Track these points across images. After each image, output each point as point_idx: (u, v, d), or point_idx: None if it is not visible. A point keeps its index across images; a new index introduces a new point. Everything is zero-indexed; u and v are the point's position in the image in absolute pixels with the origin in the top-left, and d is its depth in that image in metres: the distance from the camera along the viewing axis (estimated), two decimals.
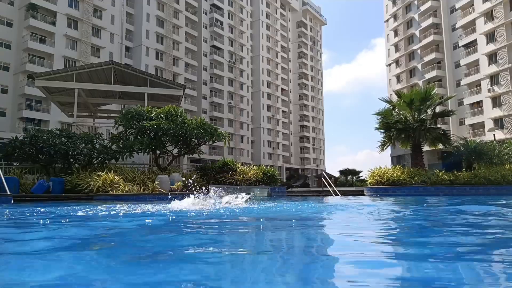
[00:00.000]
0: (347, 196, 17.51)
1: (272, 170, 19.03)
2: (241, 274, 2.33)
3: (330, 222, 6.13)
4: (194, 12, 62.59)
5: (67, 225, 5.27)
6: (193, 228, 4.87)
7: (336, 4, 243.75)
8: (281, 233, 4.45)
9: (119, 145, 15.83)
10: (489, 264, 2.52)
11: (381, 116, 20.00)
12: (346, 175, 60.36)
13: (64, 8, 42.24)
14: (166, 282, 2.06)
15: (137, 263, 2.63)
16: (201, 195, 8.32)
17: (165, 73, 54.07)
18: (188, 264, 2.55)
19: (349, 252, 3.06)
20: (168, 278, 2.15)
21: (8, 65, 38.51)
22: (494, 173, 16.72)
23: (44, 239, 3.93)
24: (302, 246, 3.50)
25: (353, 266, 2.51)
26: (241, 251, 3.15)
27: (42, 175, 15.08)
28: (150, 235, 4.27)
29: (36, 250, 3.23)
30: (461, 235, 4.00)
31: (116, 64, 20.58)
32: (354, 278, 2.19)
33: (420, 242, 3.62)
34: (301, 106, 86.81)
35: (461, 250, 3.10)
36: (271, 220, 6.07)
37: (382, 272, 2.34)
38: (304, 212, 7.54)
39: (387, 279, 2.19)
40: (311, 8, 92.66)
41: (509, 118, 42.18)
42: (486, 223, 5.38)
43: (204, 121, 17.24)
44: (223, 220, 5.82)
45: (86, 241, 3.75)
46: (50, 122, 38.36)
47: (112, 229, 4.88)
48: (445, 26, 53.10)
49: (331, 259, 2.81)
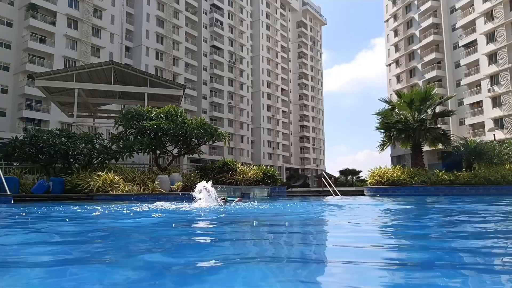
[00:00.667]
0: (347, 196, 17.51)
1: (272, 170, 19.01)
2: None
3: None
4: (194, 12, 62.58)
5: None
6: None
7: (336, 4, 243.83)
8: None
9: (119, 145, 15.82)
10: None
11: (381, 116, 20.01)
12: (346, 175, 60.39)
13: (64, 8, 42.23)
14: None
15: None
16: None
17: (165, 73, 54.06)
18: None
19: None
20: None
21: (8, 65, 38.50)
22: (494, 173, 16.73)
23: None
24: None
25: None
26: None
27: (42, 175, 15.08)
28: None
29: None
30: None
31: (116, 64, 20.57)
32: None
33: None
34: (301, 106, 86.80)
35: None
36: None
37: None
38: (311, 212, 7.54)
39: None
40: (311, 8, 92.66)
41: (509, 118, 42.17)
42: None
43: (204, 121, 17.22)
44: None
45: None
46: (50, 122, 38.35)
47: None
48: (445, 26, 53.09)
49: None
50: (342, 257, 2.81)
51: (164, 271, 2.34)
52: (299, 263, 2.60)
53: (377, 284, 2.07)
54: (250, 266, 2.46)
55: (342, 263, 2.57)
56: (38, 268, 2.54)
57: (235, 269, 2.37)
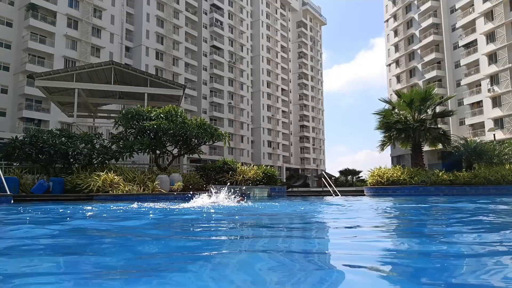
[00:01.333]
0: (347, 196, 17.50)
1: (272, 170, 19.01)
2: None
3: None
4: (194, 12, 62.58)
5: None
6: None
7: (336, 4, 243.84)
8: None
9: (119, 145, 15.82)
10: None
11: (381, 116, 20.00)
12: (346, 175, 60.42)
13: (64, 8, 42.23)
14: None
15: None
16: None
17: (165, 73, 54.07)
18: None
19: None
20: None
21: (8, 65, 38.51)
22: (494, 173, 16.71)
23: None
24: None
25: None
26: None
27: (42, 175, 15.08)
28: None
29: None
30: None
31: (116, 64, 20.56)
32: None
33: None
34: (301, 106, 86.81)
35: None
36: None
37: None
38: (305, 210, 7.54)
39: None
40: (311, 8, 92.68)
41: (509, 118, 42.17)
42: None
43: (204, 121, 17.22)
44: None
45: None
46: (50, 122, 38.36)
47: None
48: (445, 26, 53.10)
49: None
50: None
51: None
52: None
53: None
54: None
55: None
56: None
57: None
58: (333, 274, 2.25)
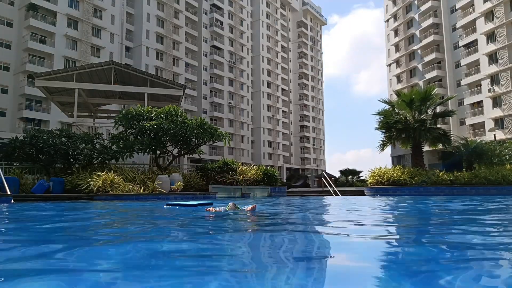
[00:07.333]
0: (347, 196, 17.50)
1: (272, 170, 19.03)
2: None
3: None
4: (194, 12, 62.58)
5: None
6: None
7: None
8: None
9: (119, 145, 15.82)
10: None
11: (381, 116, 20.01)
12: (346, 175, 60.32)
13: (64, 8, 42.23)
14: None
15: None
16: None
17: (165, 73, 54.06)
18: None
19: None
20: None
21: (8, 65, 38.51)
22: (494, 173, 16.72)
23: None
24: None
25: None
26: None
27: (42, 175, 15.08)
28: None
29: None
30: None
31: (116, 64, 20.57)
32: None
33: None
34: (301, 106, 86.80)
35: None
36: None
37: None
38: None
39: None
40: (311, 8, 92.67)
41: (509, 118, 42.15)
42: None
43: (204, 121, 17.23)
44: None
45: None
46: (50, 122, 38.37)
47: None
48: (446, 26, 53.09)
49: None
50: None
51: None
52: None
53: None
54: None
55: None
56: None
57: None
58: (329, 269, 2.24)
